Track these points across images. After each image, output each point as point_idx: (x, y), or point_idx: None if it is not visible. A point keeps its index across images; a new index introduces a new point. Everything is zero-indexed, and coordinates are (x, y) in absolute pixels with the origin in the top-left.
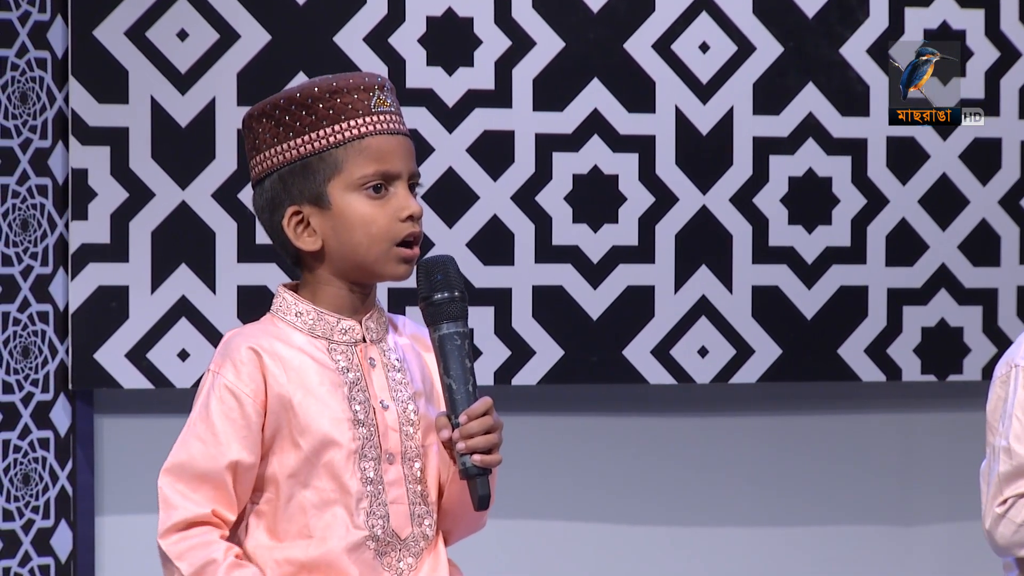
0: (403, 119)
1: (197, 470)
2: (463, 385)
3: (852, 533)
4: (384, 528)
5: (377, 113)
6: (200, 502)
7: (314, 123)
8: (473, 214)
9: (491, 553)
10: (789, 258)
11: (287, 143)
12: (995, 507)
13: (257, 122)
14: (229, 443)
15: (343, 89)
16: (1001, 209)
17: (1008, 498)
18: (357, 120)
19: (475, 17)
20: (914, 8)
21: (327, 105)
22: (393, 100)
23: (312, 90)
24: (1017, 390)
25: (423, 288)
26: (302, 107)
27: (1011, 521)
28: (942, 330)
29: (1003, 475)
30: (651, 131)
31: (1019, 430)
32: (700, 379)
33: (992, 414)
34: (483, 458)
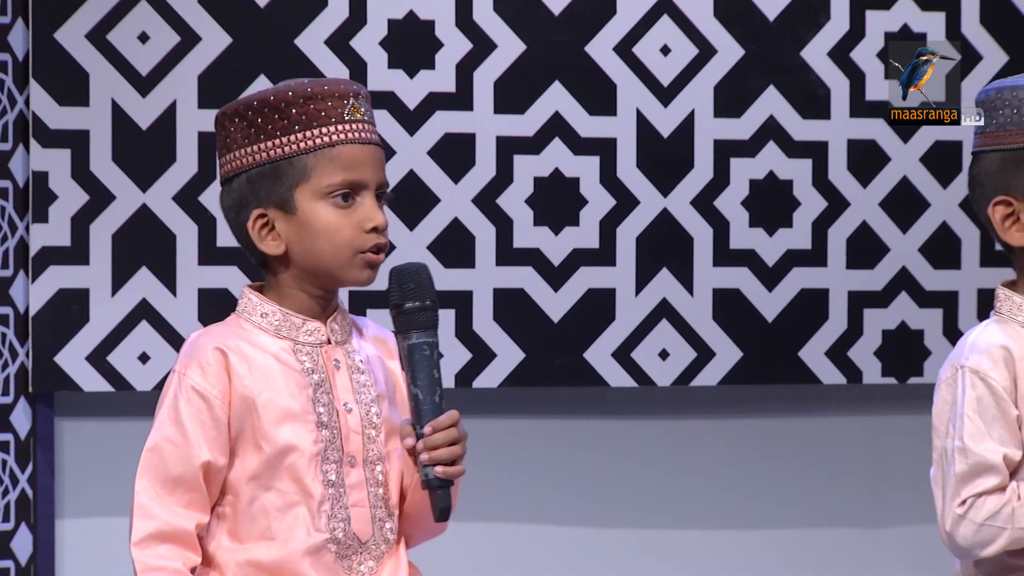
0: (375, 128)
1: (171, 474)
2: (430, 395)
3: (814, 535)
4: (345, 531)
5: (349, 122)
6: (178, 511)
7: (286, 127)
8: (434, 217)
9: (452, 556)
10: (750, 261)
11: (257, 145)
12: (954, 508)
13: (229, 121)
14: (200, 445)
15: (317, 95)
16: (961, 212)
17: (967, 498)
18: (329, 127)
19: (436, 20)
20: (875, 11)
21: (300, 110)
22: (367, 109)
23: (286, 94)
24: (966, 391)
25: (395, 296)
26: (275, 110)
27: (971, 521)
28: (903, 333)
29: (960, 475)
30: (612, 134)
31: (973, 429)
32: (661, 382)
33: (939, 417)
34: (446, 470)
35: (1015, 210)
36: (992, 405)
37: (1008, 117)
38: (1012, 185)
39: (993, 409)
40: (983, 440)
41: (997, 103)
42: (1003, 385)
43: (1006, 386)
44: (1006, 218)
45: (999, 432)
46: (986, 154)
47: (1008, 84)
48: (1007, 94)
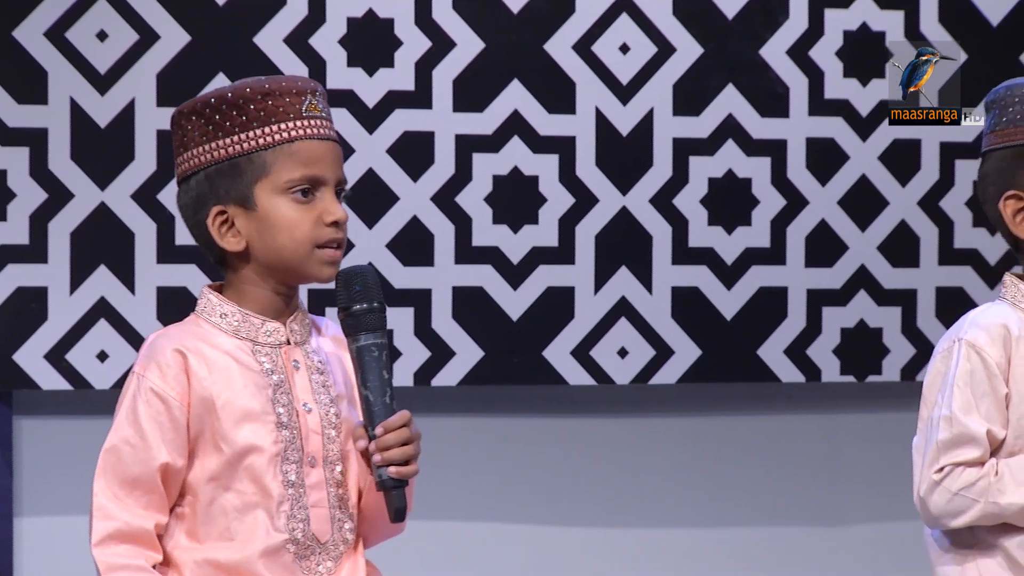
0: (333, 125)
1: (129, 475)
2: (380, 397)
3: (772, 534)
4: (304, 532)
5: (308, 118)
6: (137, 511)
7: (244, 124)
8: (393, 215)
9: (411, 555)
10: (709, 259)
11: (216, 142)
12: (931, 474)
13: (186, 119)
14: (158, 446)
15: (275, 92)
16: (920, 210)
17: (945, 466)
18: (287, 123)
19: (396, 18)
20: (834, 9)
21: (258, 107)
22: (324, 105)
23: (244, 91)
24: (960, 362)
25: (342, 299)
26: (233, 107)
27: (946, 489)
28: (861, 331)
29: (942, 443)
30: (571, 132)
31: (962, 400)
32: (620, 380)
33: (930, 387)
34: (399, 470)
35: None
36: (984, 380)
37: (1019, 114)
38: (1022, 180)
39: (984, 384)
40: (970, 412)
41: (1007, 101)
42: (997, 361)
43: (1000, 363)
44: (1017, 212)
45: (987, 407)
46: (996, 151)
47: (1018, 83)
48: (1017, 92)
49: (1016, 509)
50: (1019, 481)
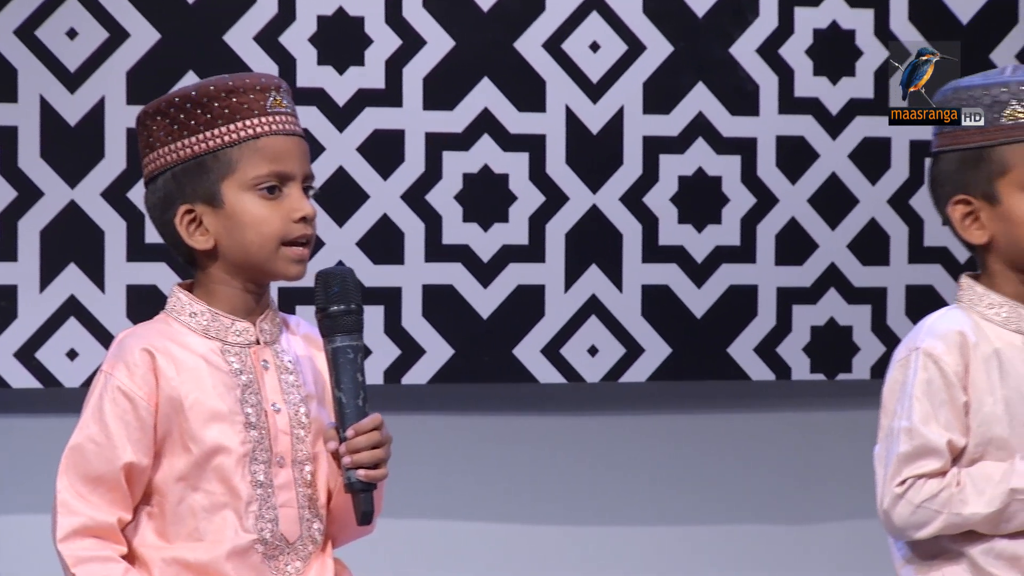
0: (299, 121)
1: (92, 472)
2: (353, 399)
3: (743, 532)
4: (273, 532)
5: (273, 114)
6: (101, 507)
7: (209, 122)
8: (363, 213)
9: (381, 554)
10: (679, 257)
11: (181, 141)
12: (893, 487)
13: (151, 119)
14: (123, 445)
15: (239, 89)
16: (890, 208)
17: (907, 478)
18: (252, 120)
19: (366, 16)
20: (804, 8)
21: (223, 104)
22: (289, 101)
23: (208, 89)
24: (918, 372)
25: (320, 299)
26: (197, 106)
27: (909, 502)
28: (831, 329)
29: (903, 455)
30: (541, 130)
31: (921, 411)
32: (590, 378)
33: (888, 396)
34: (368, 473)
35: (974, 208)
36: (942, 389)
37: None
38: (970, 184)
39: (942, 393)
40: (929, 423)
41: (954, 103)
42: (954, 370)
43: (957, 371)
44: (965, 217)
45: (946, 416)
46: (945, 154)
47: (964, 84)
48: (963, 94)
49: (979, 519)
50: (980, 490)
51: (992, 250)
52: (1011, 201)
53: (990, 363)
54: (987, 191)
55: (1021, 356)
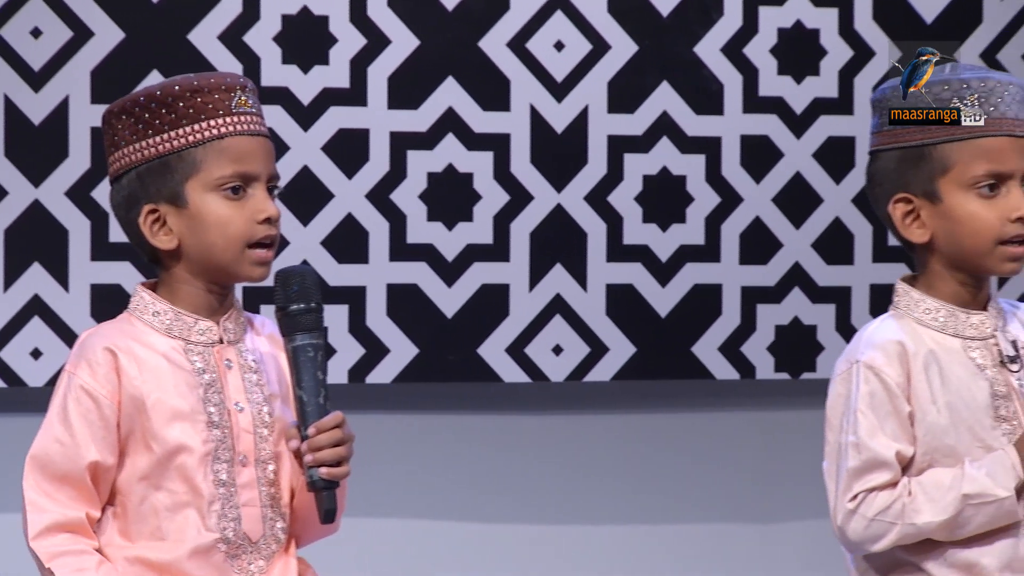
0: (264, 121)
1: (58, 472)
2: (314, 397)
3: (708, 531)
4: (236, 531)
5: (237, 114)
6: (68, 504)
7: (174, 122)
8: (328, 212)
9: (345, 552)
10: (643, 256)
11: (146, 140)
12: (846, 503)
13: (117, 118)
14: (88, 444)
15: (204, 88)
16: (855, 208)
17: (858, 493)
18: (217, 120)
19: (330, 15)
20: (768, 7)
21: (187, 104)
22: (255, 101)
23: (173, 88)
24: (860, 385)
25: (279, 298)
26: (162, 105)
27: (863, 516)
28: (796, 328)
29: (852, 470)
30: (506, 129)
31: (866, 425)
32: (554, 377)
33: (832, 411)
34: (330, 471)
35: (914, 207)
36: (885, 401)
37: None
38: (910, 182)
39: (886, 405)
40: (876, 436)
41: (895, 101)
42: (896, 381)
43: (899, 382)
44: (906, 215)
45: (892, 428)
46: (884, 152)
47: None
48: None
49: (934, 527)
50: (933, 499)
51: (932, 249)
52: (952, 199)
53: (930, 370)
54: (928, 189)
55: (960, 360)
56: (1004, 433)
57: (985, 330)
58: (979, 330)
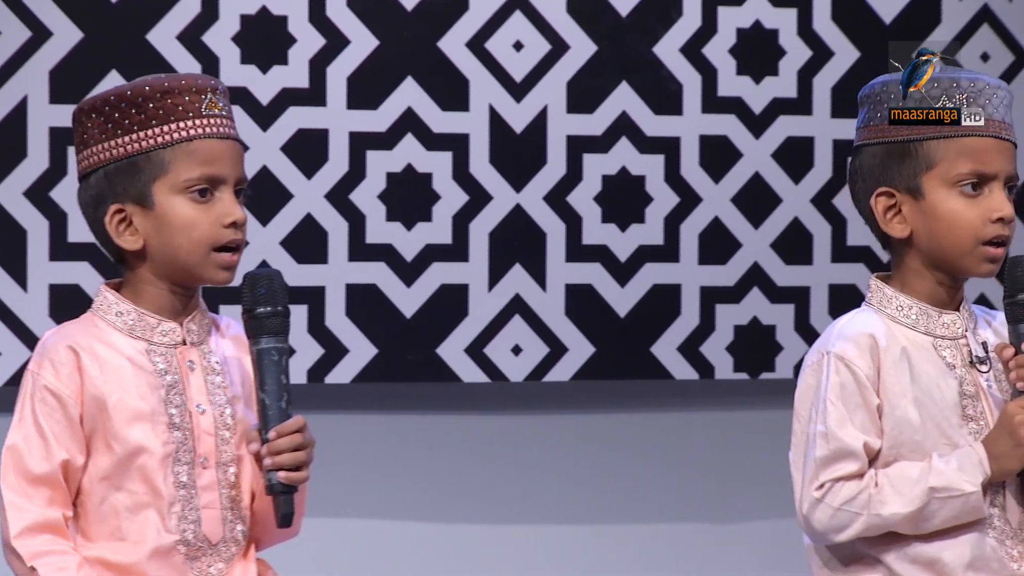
0: (234, 124)
1: (33, 472)
2: (276, 401)
3: (667, 531)
4: (195, 533)
5: (207, 116)
6: (47, 504)
7: (143, 122)
8: (287, 213)
9: (305, 553)
10: (603, 256)
11: (115, 140)
12: (812, 492)
13: (87, 116)
14: (57, 444)
15: (174, 90)
16: (813, 208)
17: (825, 482)
18: (186, 122)
19: (289, 15)
20: (727, 7)
21: (157, 105)
22: (225, 104)
23: (143, 89)
24: (830, 376)
25: (247, 300)
26: (132, 105)
27: (828, 505)
28: (754, 328)
29: (820, 459)
30: (465, 129)
31: (835, 415)
32: (514, 377)
33: (801, 402)
34: (288, 475)
35: (897, 202)
36: (855, 392)
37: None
38: (894, 177)
39: (856, 396)
40: (845, 426)
41: (882, 96)
42: (866, 373)
43: (869, 374)
44: (888, 210)
45: (861, 419)
46: (868, 147)
47: (892, 79)
48: (892, 88)
49: (899, 519)
50: (899, 491)
51: (911, 246)
52: (935, 196)
53: (900, 365)
54: (911, 185)
55: (930, 358)
56: (971, 432)
57: (956, 330)
58: (950, 329)
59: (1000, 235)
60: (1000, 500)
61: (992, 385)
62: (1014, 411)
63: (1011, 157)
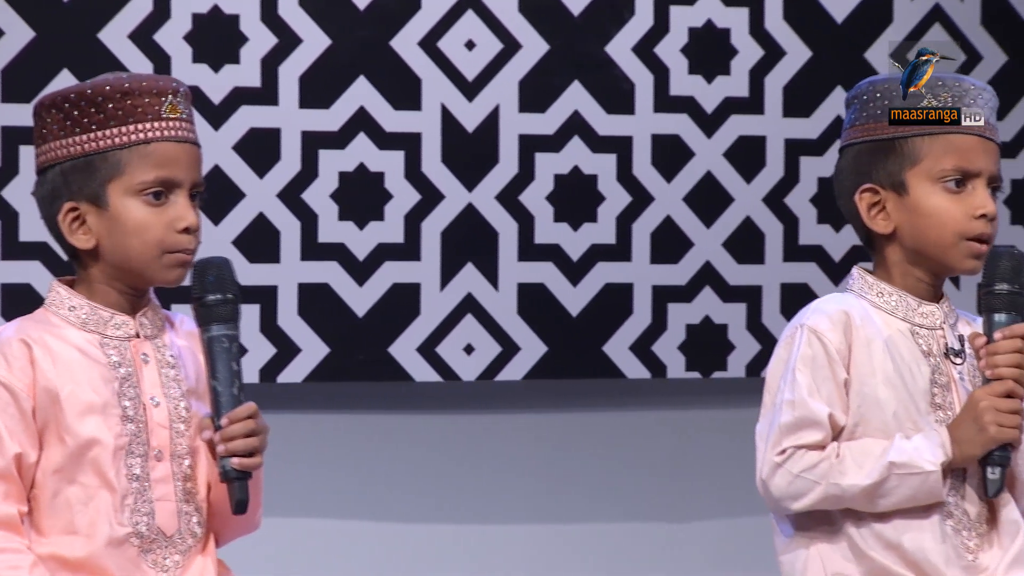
0: (193, 127)
1: None
2: (228, 388)
3: (620, 530)
4: (149, 525)
5: (166, 119)
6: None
7: (102, 122)
8: (239, 212)
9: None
10: (555, 256)
11: (73, 138)
12: (773, 456)
13: (47, 112)
14: (11, 437)
15: (135, 91)
16: (765, 207)
17: (787, 448)
18: (145, 124)
19: (241, 14)
20: (679, 6)
21: (117, 105)
22: (186, 107)
23: (104, 88)
24: (801, 347)
25: (196, 288)
26: (92, 104)
27: (788, 471)
28: (706, 327)
29: (784, 425)
30: (417, 128)
31: (804, 384)
32: (466, 376)
33: (772, 374)
34: (242, 461)
35: (881, 199)
36: (825, 364)
37: (879, 109)
38: (879, 174)
39: (826, 368)
40: (812, 395)
41: (868, 96)
42: (837, 347)
43: (840, 348)
44: (872, 206)
45: (828, 392)
46: (854, 146)
47: (880, 79)
48: (879, 87)
49: (857, 491)
50: (860, 463)
51: (895, 241)
52: (919, 192)
53: (873, 345)
54: (896, 181)
55: (906, 343)
56: (938, 420)
57: (934, 321)
58: (928, 320)
59: (983, 232)
60: (960, 489)
61: (965, 378)
62: (980, 397)
63: (995, 158)
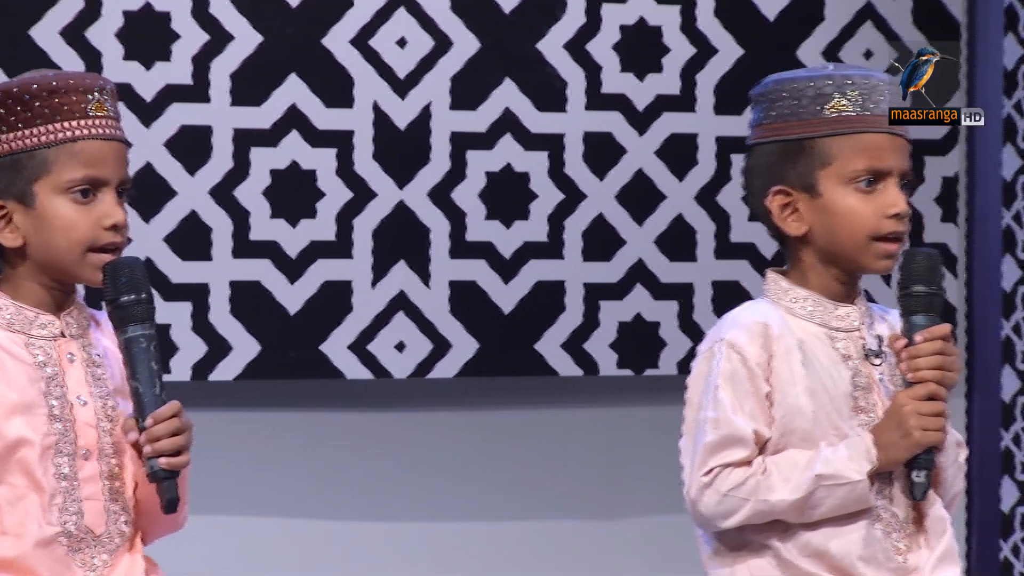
0: (120, 124)
1: None
2: (150, 388)
3: (553, 527)
4: (77, 524)
5: (92, 117)
6: None
7: (28, 120)
8: (170, 209)
9: (189, 550)
10: (486, 253)
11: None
12: (700, 476)
13: None
14: None
15: (61, 89)
16: (697, 204)
17: (713, 467)
18: (71, 122)
19: (172, 12)
20: (611, 4)
21: (43, 104)
22: (112, 104)
23: (30, 86)
24: (721, 363)
25: (109, 291)
26: (18, 102)
27: (716, 491)
28: (638, 325)
29: (709, 444)
30: (349, 126)
31: (726, 401)
32: (398, 374)
33: (693, 388)
34: (169, 461)
35: (792, 200)
36: (746, 380)
37: (788, 109)
38: (790, 175)
39: (747, 384)
40: (735, 412)
41: (775, 95)
42: (757, 361)
43: (760, 362)
44: (783, 208)
45: (751, 407)
46: (763, 146)
47: (787, 76)
48: (787, 86)
49: (786, 505)
50: (787, 478)
51: (808, 242)
52: (831, 193)
53: (792, 354)
54: (808, 183)
55: (824, 349)
56: (861, 424)
57: (851, 323)
58: (845, 322)
59: (895, 231)
60: (887, 492)
61: (885, 379)
62: (903, 401)
63: (905, 153)
